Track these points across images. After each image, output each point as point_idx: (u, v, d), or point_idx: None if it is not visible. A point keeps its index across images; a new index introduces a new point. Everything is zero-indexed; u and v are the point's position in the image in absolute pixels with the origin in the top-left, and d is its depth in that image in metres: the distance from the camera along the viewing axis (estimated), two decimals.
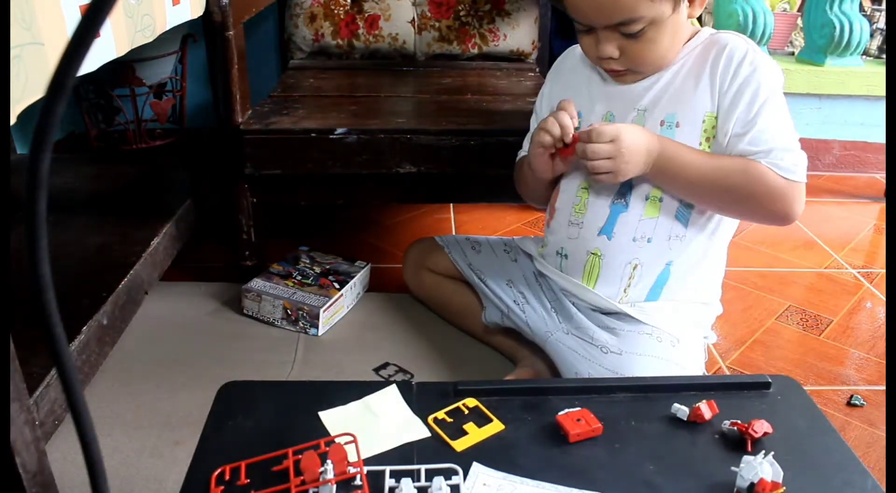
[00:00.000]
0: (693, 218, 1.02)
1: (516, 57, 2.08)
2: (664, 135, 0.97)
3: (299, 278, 1.58)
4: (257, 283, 1.54)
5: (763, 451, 0.61)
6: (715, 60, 0.95)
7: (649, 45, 0.93)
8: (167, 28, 1.14)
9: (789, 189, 0.95)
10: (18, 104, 0.71)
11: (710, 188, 0.96)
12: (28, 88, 0.72)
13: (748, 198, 0.96)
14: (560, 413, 0.67)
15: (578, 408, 0.67)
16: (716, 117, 0.96)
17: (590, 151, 0.93)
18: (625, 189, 1.01)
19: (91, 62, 0.89)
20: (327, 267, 1.63)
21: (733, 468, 0.60)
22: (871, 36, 2.58)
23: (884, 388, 1.38)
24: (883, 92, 2.49)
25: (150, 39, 1.07)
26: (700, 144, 0.97)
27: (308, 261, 1.65)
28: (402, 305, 1.57)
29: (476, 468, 0.62)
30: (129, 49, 1.00)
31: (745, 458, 0.60)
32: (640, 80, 1.00)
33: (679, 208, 1.01)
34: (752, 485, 0.59)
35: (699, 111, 0.97)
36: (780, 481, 0.59)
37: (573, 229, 1.07)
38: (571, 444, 0.66)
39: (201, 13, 1.32)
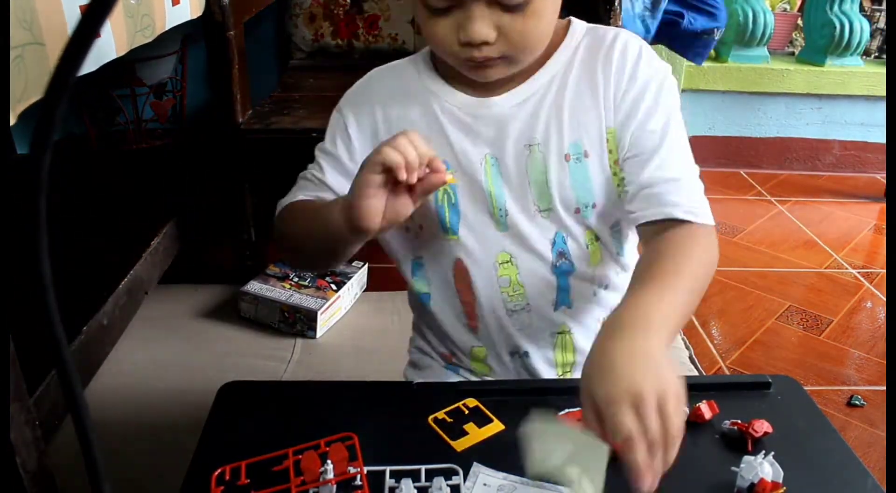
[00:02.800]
0: (626, 245, 0.82)
1: None
2: (574, 171, 0.74)
3: (296, 279, 1.58)
4: (254, 286, 1.54)
5: (763, 451, 0.61)
6: (605, 59, 0.73)
7: (534, 21, 0.67)
8: (167, 28, 1.14)
9: (713, 235, 0.72)
10: (19, 104, 0.71)
11: (695, 302, 0.66)
12: (29, 87, 0.72)
13: (709, 276, 0.69)
14: (561, 413, 0.67)
15: (579, 408, 0.67)
16: (614, 132, 0.74)
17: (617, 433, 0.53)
18: (560, 244, 0.77)
19: (91, 62, 0.89)
20: None
21: (733, 468, 0.60)
22: (871, 36, 2.58)
23: (884, 388, 1.37)
24: (883, 92, 2.49)
25: (150, 39, 1.07)
26: (610, 167, 0.75)
27: None
28: (401, 304, 1.57)
29: (476, 468, 0.62)
30: (129, 49, 1.00)
31: (746, 458, 0.60)
32: (509, 88, 0.75)
33: (612, 236, 0.79)
34: (752, 485, 0.59)
35: (601, 130, 0.74)
36: (781, 481, 0.59)
37: (519, 317, 0.80)
38: None
39: (201, 13, 1.32)
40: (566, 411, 0.68)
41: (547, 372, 0.83)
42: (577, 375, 0.79)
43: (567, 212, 0.76)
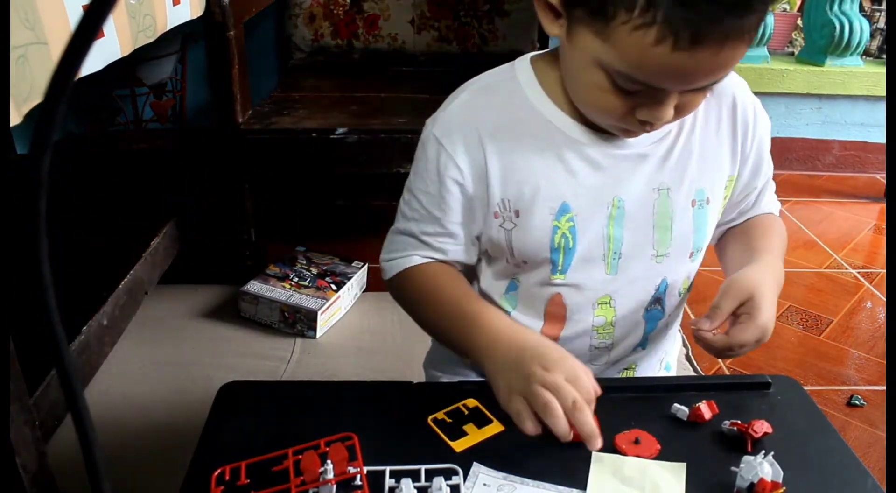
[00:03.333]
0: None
1: (516, 57, 2.08)
2: (697, 216, 0.74)
3: (296, 279, 1.58)
4: (254, 285, 1.54)
5: (763, 451, 0.61)
6: (732, 113, 0.74)
7: (702, 97, 0.65)
8: (168, 28, 1.14)
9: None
10: (25, 104, 0.71)
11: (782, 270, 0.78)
12: (34, 87, 0.72)
13: (785, 250, 0.83)
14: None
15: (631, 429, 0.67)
16: (734, 179, 0.77)
17: (739, 344, 0.68)
18: (661, 290, 0.77)
19: (96, 62, 0.89)
20: (324, 268, 1.63)
21: (733, 469, 0.60)
22: (871, 36, 2.58)
23: (884, 388, 1.38)
24: (883, 92, 2.49)
25: (152, 39, 1.08)
26: (721, 209, 0.78)
27: (305, 262, 1.65)
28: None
29: (476, 467, 0.62)
30: (133, 49, 1.00)
31: (745, 458, 0.60)
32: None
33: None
34: (752, 485, 0.59)
35: (723, 178, 0.75)
36: (780, 481, 0.59)
37: (598, 354, 0.79)
38: (568, 443, 0.66)
39: (202, 13, 1.32)
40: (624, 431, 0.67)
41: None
42: None
43: (681, 256, 0.76)
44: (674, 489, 0.60)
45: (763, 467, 0.59)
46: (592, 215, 0.71)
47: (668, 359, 0.88)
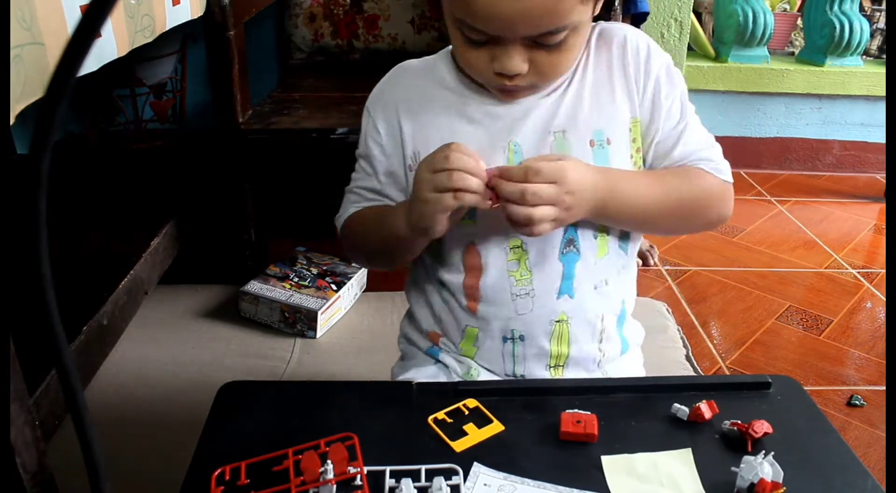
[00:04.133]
0: (631, 241, 0.85)
1: None
2: (597, 157, 0.78)
3: (296, 279, 1.58)
4: (254, 285, 1.54)
5: (763, 451, 0.61)
6: (621, 57, 0.78)
7: (565, 55, 0.71)
8: (167, 28, 1.14)
9: (727, 191, 0.82)
10: (18, 104, 0.71)
11: (659, 214, 0.79)
12: (28, 88, 0.72)
13: (695, 212, 0.82)
14: (567, 411, 0.67)
15: (589, 413, 0.67)
16: (639, 122, 0.79)
17: (529, 194, 0.69)
18: (571, 232, 0.79)
19: (92, 62, 0.89)
20: (324, 268, 1.63)
21: (733, 469, 0.60)
22: (871, 36, 2.58)
23: (884, 388, 1.38)
24: (883, 92, 2.49)
25: (150, 39, 1.07)
26: (632, 156, 0.80)
27: (305, 262, 1.65)
28: (401, 304, 1.57)
29: (477, 468, 0.62)
30: (130, 49, 1.00)
31: (745, 458, 0.60)
32: (534, 93, 0.77)
33: (620, 235, 0.83)
34: (752, 485, 0.59)
35: (624, 120, 0.79)
36: (781, 481, 0.59)
37: (522, 302, 0.81)
38: (569, 443, 0.66)
39: (202, 13, 1.32)
40: (574, 410, 0.67)
41: (537, 361, 0.83)
42: (570, 372, 0.83)
43: None
44: (687, 478, 0.61)
45: (763, 467, 0.59)
46: (490, 159, 0.76)
47: (623, 332, 0.87)
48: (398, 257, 0.86)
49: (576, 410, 0.68)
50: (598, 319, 0.83)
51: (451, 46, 0.81)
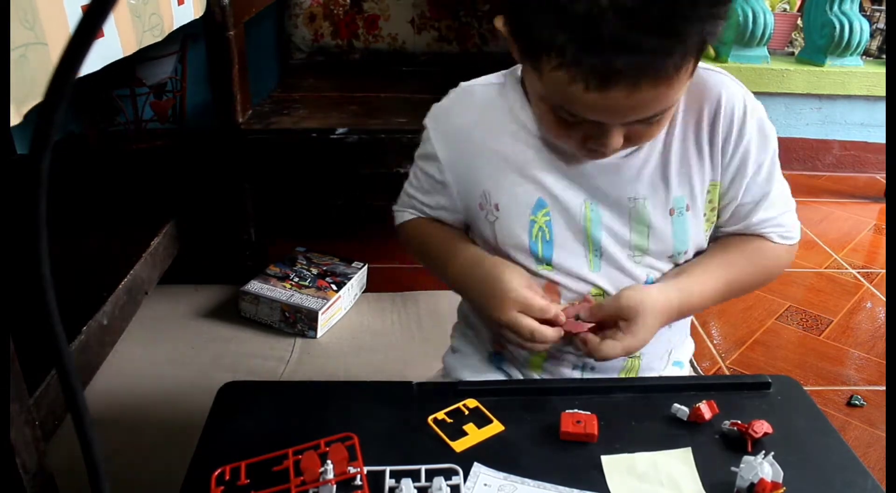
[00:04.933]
0: None
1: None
2: (675, 223, 0.75)
3: (297, 279, 1.58)
4: (254, 285, 1.54)
5: (763, 451, 0.61)
6: (711, 120, 0.73)
7: (660, 127, 0.68)
8: (174, 28, 1.14)
9: (791, 253, 0.82)
10: (24, 104, 0.71)
11: (725, 299, 0.80)
12: (34, 87, 0.72)
13: (758, 286, 0.84)
14: (567, 411, 0.67)
15: (588, 413, 0.67)
16: (718, 186, 0.76)
17: (601, 357, 0.71)
18: (649, 283, 0.78)
19: (96, 62, 0.89)
20: (324, 268, 1.63)
21: (733, 469, 0.60)
22: (871, 36, 2.58)
23: (884, 388, 1.38)
24: (883, 92, 2.49)
25: (159, 39, 1.07)
26: (706, 215, 0.77)
27: (305, 262, 1.65)
28: (401, 305, 1.57)
29: (477, 468, 0.62)
30: (138, 48, 1.00)
31: (745, 458, 0.60)
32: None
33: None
34: (752, 485, 0.59)
35: (704, 184, 0.75)
36: (780, 481, 0.59)
37: None
38: (568, 443, 0.66)
39: (202, 13, 1.33)
40: (574, 410, 0.67)
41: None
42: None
43: (660, 259, 0.77)
44: (687, 478, 0.61)
45: (763, 467, 0.59)
46: (566, 213, 0.75)
47: (678, 355, 0.89)
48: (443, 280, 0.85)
49: (576, 410, 0.68)
50: (667, 352, 0.85)
51: (517, 68, 0.77)
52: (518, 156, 0.75)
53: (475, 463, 0.62)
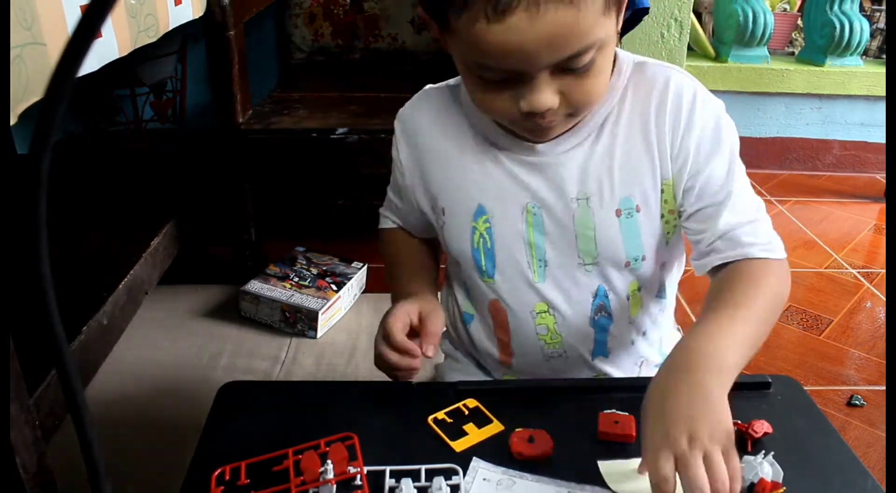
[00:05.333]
0: (668, 281, 0.80)
1: None
2: (624, 226, 0.71)
3: (296, 279, 1.58)
4: (254, 285, 1.54)
5: (763, 451, 0.61)
6: (659, 106, 0.69)
7: (595, 78, 0.63)
8: (170, 28, 1.14)
9: (786, 267, 0.73)
10: (20, 104, 0.71)
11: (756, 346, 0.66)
12: (30, 88, 0.72)
13: (779, 311, 0.70)
14: (605, 411, 0.67)
15: (627, 414, 0.67)
16: (671, 184, 0.71)
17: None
18: (600, 297, 0.75)
19: (92, 62, 0.89)
20: (324, 268, 1.63)
21: None
22: (871, 36, 2.58)
23: (884, 388, 1.38)
24: (883, 92, 2.49)
25: (154, 39, 1.07)
26: (663, 218, 0.72)
27: (304, 262, 1.65)
28: None
29: (476, 462, 0.62)
30: (133, 49, 1.00)
31: (745, 458, 0.60)
32: (569, 129, 0.69)
33: (658, 283, 0.78)
34: (752, 485, 0.59)
35: (656, 183, 0.70)
36: (780, 480, 0.59)
37: (555, 362, 0.78)
38: (568, 443, 0.66)
39: (202, 13, 1.33)
40: (607, 411, 0.67)
41: None
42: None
43: (615, 267, 0.73)
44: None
45: (763, 467, 0.59)
46: (507, 220, 0.73)
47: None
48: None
49: (613, 410, 0.67)
50: (638, 365, 0.82)
51: None
52: (462, 159, 0.74)
53: (474, 458, 0.62)
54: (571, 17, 0.56)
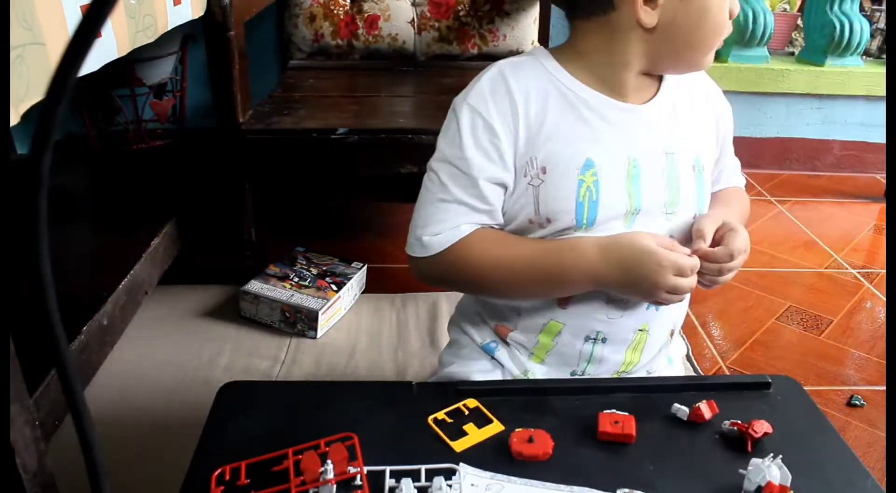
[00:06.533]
0: None
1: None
2: (697, 180, 0.84)
3: (296, 279, 1.58)
4: (254, 285, 1.54)
5: (772, 454, 0.60)
6: (705, 92, 0.88)
7: None
8: (169, 28, 1.14)
9: (744, 192, 1.00)
10: (22, 104, 0.71)
11: None
12: (31, 88, 0.72)
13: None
14: (605, 411, 0.67)
15: (626, 414, 0.67)
16: (714, 155, 0.90)
17: (725, 278, 0.80)
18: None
19: (92, 62, 0.89)
20: (324, 268, 1.63)
21: (741, 471, 0.60)
22: (871, 36, 2.58)
23: (884, 388, 1.38)
24: (883, 92, 2.49)
25: (152, 39, 1.07)
26: (708, 178, 0.88)
27: (304, 262, 1.65)
28: (400, 305, 1.57)
29: (463, 468, 0.62)
30: (131, 49, 1.00)
31: (753, 461, 0.60)
32: (647, 97, 0.81)
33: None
34: (759, 488, 0.58)
35: (712, 152, 0.89)
36: (788, 484, 0.58)
37: (614, 309, 0.82)
38: (567, 443, 0.66)
39: (203, 13, 1.32)
40: (606, 411, 0.67)
41: (608, 366, 0.85)
42: (644, 367, 0.88)
43: (685, 217, 0.83)
44: None
45: (771, 470, 0.58)
46: (613, 172, 0.78)
47: (670, 351, 0.92)
48: (542, 296, 0.83)
49: (613, 410, 0.67)
50: (668, 332, 0.88)
51: (539, 48, 0.83)
52: (566, 119, 0.78)
53: (461, 464, 0.62)
54: None
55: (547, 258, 0.77)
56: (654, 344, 0.86)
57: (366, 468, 0.59)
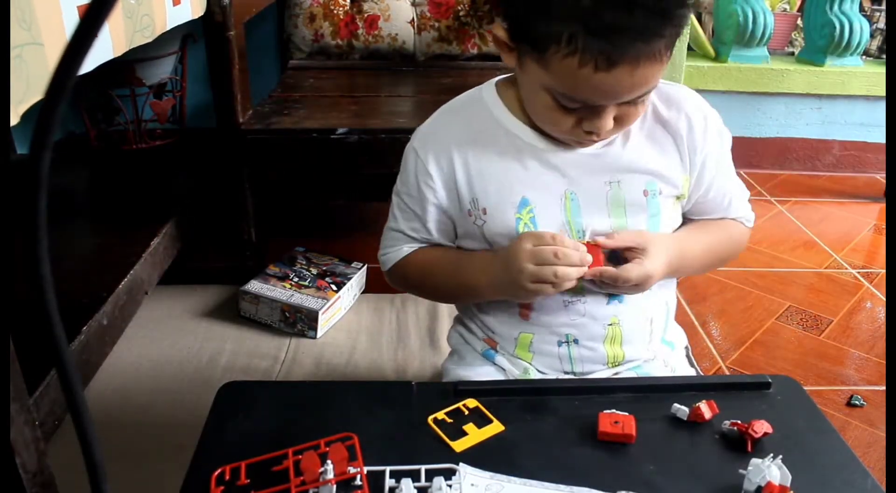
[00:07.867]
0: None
1: None
2: (649, 205, 0.82)
3: (296, 279, 1.58)
4: (254, 285, 1.54)
5: (772, 454, 0.60)
6: (676, 123, 0.82)
7: (640, 109, 0.76)
8: (167, 28, 1.14)
9: (748, 235, 0.94)
10: (21, 104, 0.71)
11: (705, 268, 0.92)
12: (30, 88, 0.72)
13: (728, 260, 0.93)
14: (605, 411, 0.67)
15: (626, 413, 0.67)
16: (688, 179, 0.85)
17: (624, 280, 0.77)
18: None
19: (88, 62, 0.89)
20: (324, 268, 1.63)
21: (741, 471, 0.60)
22: (871, 36, 2.58)
23: (884, 388, 1.38)
24: (883, 92, 2.49)
25: (150, 39, 1.07)
26: (674, 204, 0.86)
27: (304, 262, 1.65)
28: (399, 305, 1.57)
29: (463, 468, 0.62)
30: (128, 49, 1.00)
31: (753, 461, 0.60)
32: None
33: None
34: (759, 488, 0.58)
35: (676, 176, 0.83)
36: (789, 485, 0.58)
37: (575, 308, 0.84)
38: (567, 443, 0.66)
39: (202, 13, 1.32)
40: (606, 411, 0.67)
41: (594, 362, 0.86)
42: (630, 372, 0.87)
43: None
44: None
45: (771, 470, 0.58)
46: (549, 207, 0.81)
47: (669, 335, 0.92)
48: (468, 301, 0.91)
49: (613, 410, 0.68)
50: (648, 321, 0.87)
51: (492, 82, 0.85)
52: (502, 160, 0.81)
53: (461, 464, 0.62)
54: (656, 70, 0.69)
55: (459, 271, 0.85)
56: (634, 334, 0.86)
57: (366, 468, 0.59)
